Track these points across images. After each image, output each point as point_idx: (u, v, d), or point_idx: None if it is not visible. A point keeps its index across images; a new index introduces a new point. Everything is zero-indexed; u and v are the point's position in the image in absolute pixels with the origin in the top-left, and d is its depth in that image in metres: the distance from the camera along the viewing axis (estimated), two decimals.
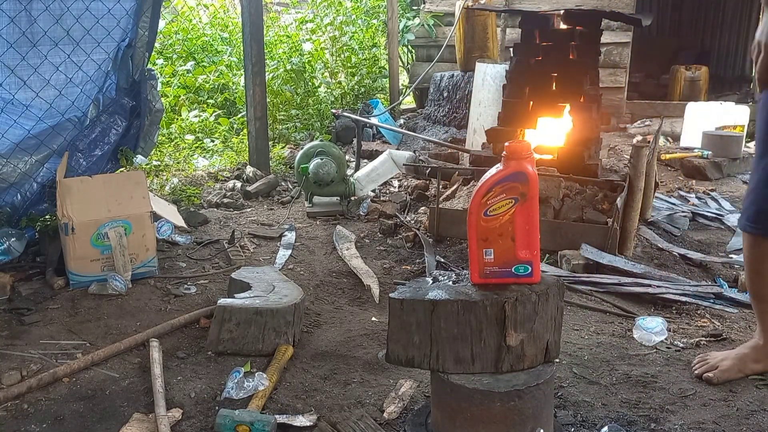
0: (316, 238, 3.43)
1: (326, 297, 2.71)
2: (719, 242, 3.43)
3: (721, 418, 1.81)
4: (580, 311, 2.56)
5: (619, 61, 6.54)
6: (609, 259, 2.87)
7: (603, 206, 3.28)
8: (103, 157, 3.28)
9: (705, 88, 7.33)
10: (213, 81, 6.10)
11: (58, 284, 2.66)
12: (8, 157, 2.99)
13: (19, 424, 1.80)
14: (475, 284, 1.52)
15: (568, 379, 2.02)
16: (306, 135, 5.79)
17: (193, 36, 6.68)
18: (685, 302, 2.61)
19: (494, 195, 1.46)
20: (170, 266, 2.96)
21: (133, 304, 2.57)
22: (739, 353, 2.04)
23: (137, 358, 2.15)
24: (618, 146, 5.62)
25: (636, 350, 2.22)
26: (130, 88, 3.36)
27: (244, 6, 4.39)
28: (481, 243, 1.49)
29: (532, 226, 1.48)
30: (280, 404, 1.89)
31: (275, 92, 6.14)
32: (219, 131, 5.48)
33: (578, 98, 3.58)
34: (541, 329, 1.49)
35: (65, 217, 2.62)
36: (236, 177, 4.47)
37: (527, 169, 1.45)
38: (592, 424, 1.77)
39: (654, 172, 3.54)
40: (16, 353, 2.16)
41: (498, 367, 1.48)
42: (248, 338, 2.15)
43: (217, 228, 3.54)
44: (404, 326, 1.50)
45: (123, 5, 3.21)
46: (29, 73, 2.99)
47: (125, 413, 1.84)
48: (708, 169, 4.80)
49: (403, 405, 1.86)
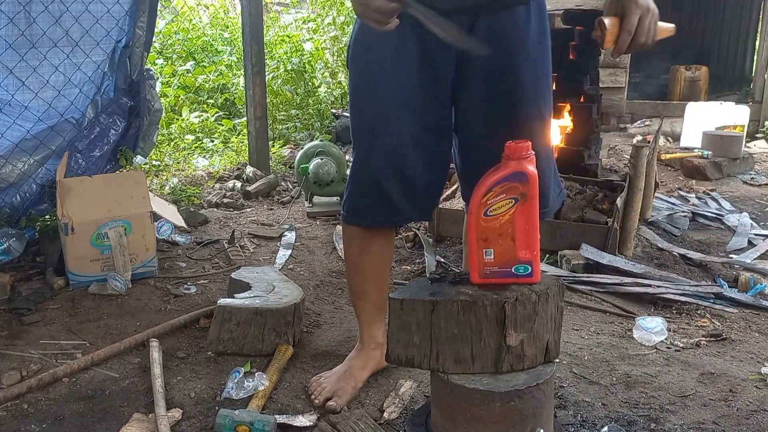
0: (316, 238, 3.43)
1: (326, 297, 2.71)
2: (719, 242, 3.43)
3: (721, 418, 1.81)
4: (580, 311, 2.56)
5: (619, 61, 6.54)
6: (609, 259, 2.87)
7: (603, 206, 3.28)
8: (103, 157, 3.28)
9: (705, 88, 7.32)
10: (213, 81, 6.10)
11: (58, 284, 2.66)
12: (8, 157, 3.00)
13: (19, 424, 1.80)
14: (475, 284, 1.52)
15: (568, 379, 2.02)
16: (306, 135, 5.78)
17: (193, 36, 6.68)
18: (685, 302, 2.61)
19: (494, 195, 1.46)
20: (170, 266, 2.96)
21: (133, 304, 2.57)
22: (345, 367, 1.96)
23: (137, 358, 2.15)
24: (618, 146, 5.62)
25: (636, 350, 2.23)
26: (129, 88, 3.36)
27: (244, 6, 4.39)
28: (481, 243, 1.49)
29: (532, 226, 1.48)
30: (280, 404, 1.89)
31: (275, 92, 6.14)
32: (219, 131, 5.48)
33: (578, 98, 3.58)
34: (541, 329, 1.49)
35: (65, 217, 2.62)
36: (236, 177, 4.47)
37: (527, 169, 1.44)
38: (592, 424, 1.77)
39: (654, 172, 3.54)
40: (16, 353, 2.16)
41: (498, 367, 1.48)
42: (248, 338, 2.14)
43: (217, 228, 3.54)
44: (404, 326, 1.50)
45: (122, 5, 3.21)
46: (28, 74, 2.99)
47: (125, 413, 1.84)
48: (708, 169, 4.80)
49: (403, 405, 1.86)
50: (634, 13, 1.40)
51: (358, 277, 1.96)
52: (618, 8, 1.42)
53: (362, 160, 1.80)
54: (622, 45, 1.42)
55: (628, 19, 1.40)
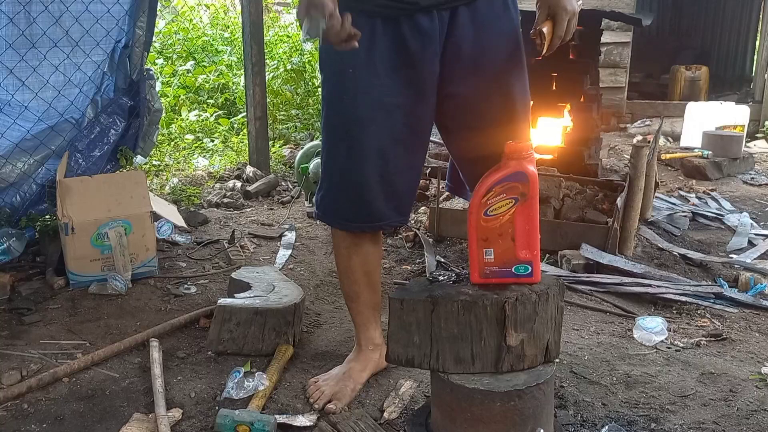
0: (316, 238, 3.43)
1: (326, 297, 2.71)
2: (719, 242, 3.43)
3: (721, 418, 1.81)
4: (580, 311, 2.56)
5: (619, 61, 6.53)
6: (609, 259, 2.87)
7: (603, 206, 3.28)
8: (103, 157, 3.28)
9: (705, 88, 7.32)
10: (213, 81, 6.10)
11: (58, 284, 2.66)
12: (8, 157, 2.99)
13: (19, 424, 1.79)
14: (475, 284, 1.52)
15: (568, 379, 2.02)
16: (306, 135, 5.78)
17: (193, 36, 6.67)
18: (685, 302, 2.61)
19: (494, 195, 1.46)
20: (170, 266, 2.96)
21: (133, 304, 2.56)
22: (344, 369, 1.95)
23: (137, 358, 2.15)
24: (618, 146, 5.62)
25: (636, 350, 2.22)
26: (129, 88, 3.36)
27: (244, 6, 4.39)
28: (481, 243, 1.49)
29: (532, 226, 1.48)
30: (280, 404, 1.88)
31: (275, 92, 6.14)
32: (219, 131, 5.48)
33: (578, 98, 3.58)
34: (541, 329, 1.49)
35: (65, 217, 2.62)
36: (236, 177, 4.47)
37: (527, 169, 1.45)
38: (592, 424, 1.77)
39: (654, 172, 3.54)
40: (16, 353, 2.16)
41: (498, 367, 1.48)
42: (248, 338, 2.14)
43: (217, 228, 3.54)
44: (404, 326, 1.50)
45: (122, 5, 3.21)
46: (28, 74, 2.99)
47: (125, 413, 1.84)
48: (708, 169, 4.80)
49: (403, 405, 1.86)
50: (564, 18, 1.55)
51: (348, 280, 1.94)
52: (549, 14, 1.57)
53: (341, 164, 1.76)
54: (553, 47, 1.59)
55: (559, 25, 1.56)
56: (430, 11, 1.59)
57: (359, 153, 1.71)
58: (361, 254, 1.89)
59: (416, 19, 1.61)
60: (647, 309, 2.61)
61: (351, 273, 1.92)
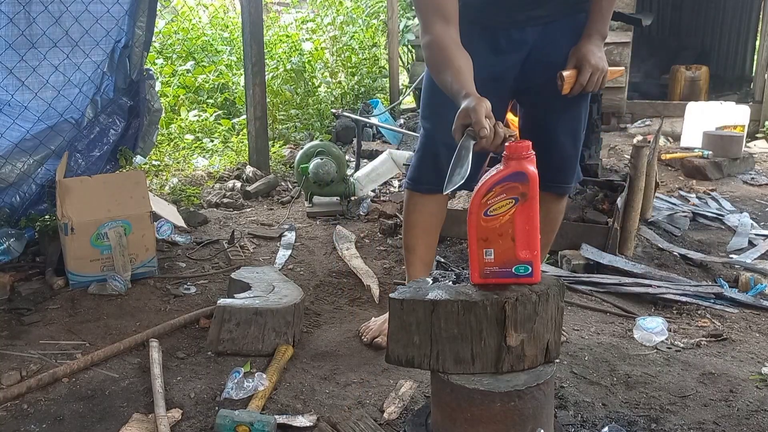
0: (316, 238, 3.43)
1: (326, 297, 2.71)
2: (719, 242, 3.43)
3: (721, 418, 1.81)
4: (581, 311, 2.56)
5: (619, 61, 6.53)
6: (609, 259, 2.87)
7: (603, 206, 3.27)
8: (102, 157, 3.28)
9: (705, 88, 7.32)
10: (213, 81, 6.10)
11: (57, 284, 2.66)
12: (7, 157, 2.99)
13: (19, 424, 1.79)
14: (475, 284, 1.52)
15: (568, 379, 2.02)
16: (306, 135, 5.78)
17: (193, 36, 6.67)
18: (685, 302, 2.61)
19: (494, 195, 1.45)
20: (170, 266, 2.96)
21: (133, 304, 2.56)
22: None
23: (137, 359, 2.15)
24: (618, 146, 5.62)
25: (636, 350, 2.22)
26: (128, 88, 3.36)
27: (244, 6, 4.39)
28: (481, 243, 1.49)
29: (532, 226, 1.48)
30: (280, 404, 1.88)
31: (275, 92, 6.14)
32: (219, 131, 5.48)
33: None
34: (542, 329, 1.49)
35: (65, 217, 2.62)
36: (236, 177, 4.47)
37: (527, 169, 1.44)
38: (592, 424, 1.77)
39: (654, 172, 3.54)
40: (16, 353, 2.16)
41: (498, 367, 1.48)
42: (248, 338, 2.14)
43: (217, 228, 3.54)
44: (404, 326, 1.50)
45: (122, 5, 3.21)
46: (28, 74, 2.99)
47: (125, 413, 1.84)
48: (708, 169, 4.80)
49: (403, 405, 1.86)
50: (587, 70, 1.81)
51: (410, 233, 2.21)
52: (576, 63, 1.84)
53: (427, 137, 2.09)
54: (575, 92, 1.85)
55: (582, 75, 1.82)
56: (526, 25, 1.91)
57: (443, 128, 1.87)
58: (425, 212, 2.17)
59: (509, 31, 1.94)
60: (647, 309, 2.61)
61: (413, 227, 2.20)
